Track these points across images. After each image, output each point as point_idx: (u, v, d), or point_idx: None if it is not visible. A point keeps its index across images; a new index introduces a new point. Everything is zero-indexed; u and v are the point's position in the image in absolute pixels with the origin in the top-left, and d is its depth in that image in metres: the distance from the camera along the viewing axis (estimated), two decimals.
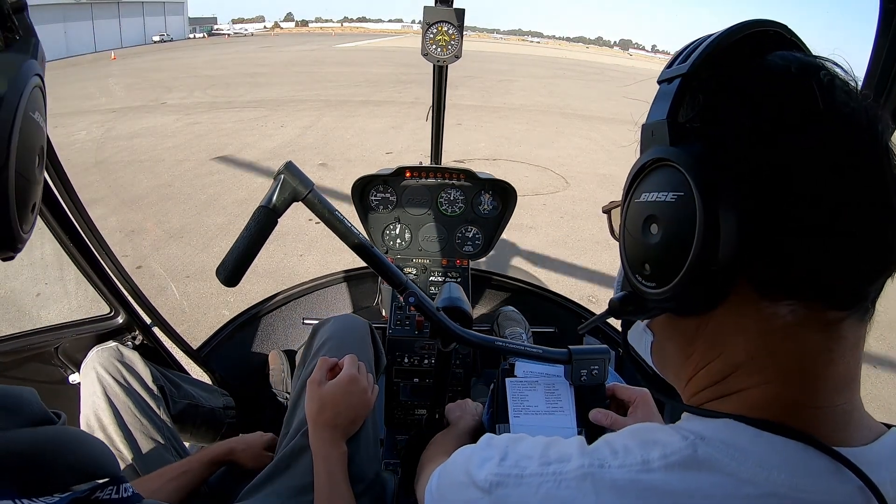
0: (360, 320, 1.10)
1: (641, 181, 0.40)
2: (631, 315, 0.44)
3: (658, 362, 0.48)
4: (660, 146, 0.38)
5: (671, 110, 0.37)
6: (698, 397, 0.41)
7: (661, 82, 0.40)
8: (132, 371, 1.05)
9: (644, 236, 0.39)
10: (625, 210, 0.42)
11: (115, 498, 0.36)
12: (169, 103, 10.06)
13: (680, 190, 0.35)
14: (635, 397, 0.89)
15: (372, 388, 0.91)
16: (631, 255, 0.41)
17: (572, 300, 1.79)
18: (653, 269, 0.38)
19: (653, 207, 0.38)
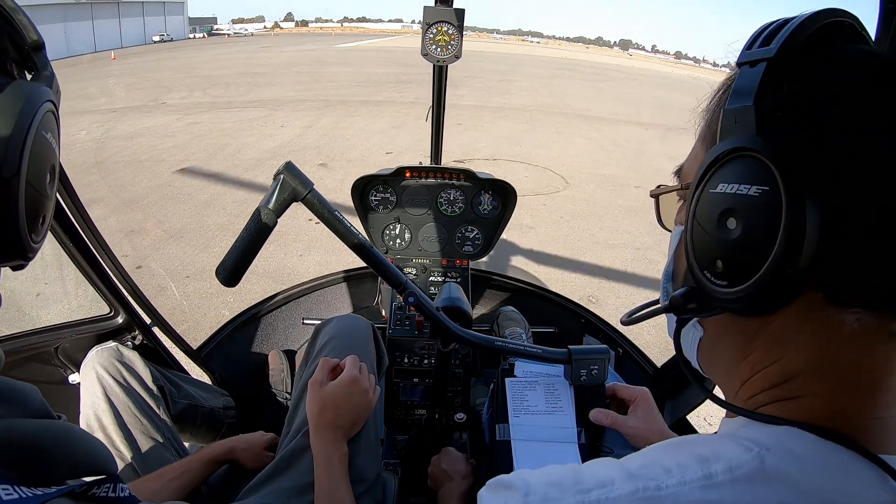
0: (363, 321, 1.10)
1: (719, 170, 0.37)
2: (692, 313, 0.41)
3: (706, 360, 0.45)
4: (744, 134, 0.35)
5: (759, 96, 0.35)
6: (754, 401, 0.39)
7: (742, 65, 0.37)
8: (132, 371, 1.05)
9: (719, 231, 0.36)
10: (695, 199, 0.39)
11: (112, 496, 0.37)
12: (169, 103, 10.06)
13: (765, 184, 0.33)
14: (635, 396, 0.89)
15: (373, 388, 0.91)
16: (700, 250, 0.38)
17: (572, 300, 1.79)
18: (726, 266, 0.36)
19: (732, 200, 0.35)
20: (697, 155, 0.45)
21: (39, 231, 0.43)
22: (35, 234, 0.42)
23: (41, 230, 0.43)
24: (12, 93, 0.38)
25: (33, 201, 0.40)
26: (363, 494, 0.83)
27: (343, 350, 0.97)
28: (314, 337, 1.07)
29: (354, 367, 0.89)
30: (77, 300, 3.14)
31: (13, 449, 0.32)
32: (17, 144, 0.36)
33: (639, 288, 3.72)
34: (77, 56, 24.27)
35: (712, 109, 0.43)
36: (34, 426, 0.35)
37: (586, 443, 0.88)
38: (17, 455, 0.32)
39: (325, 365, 0.89)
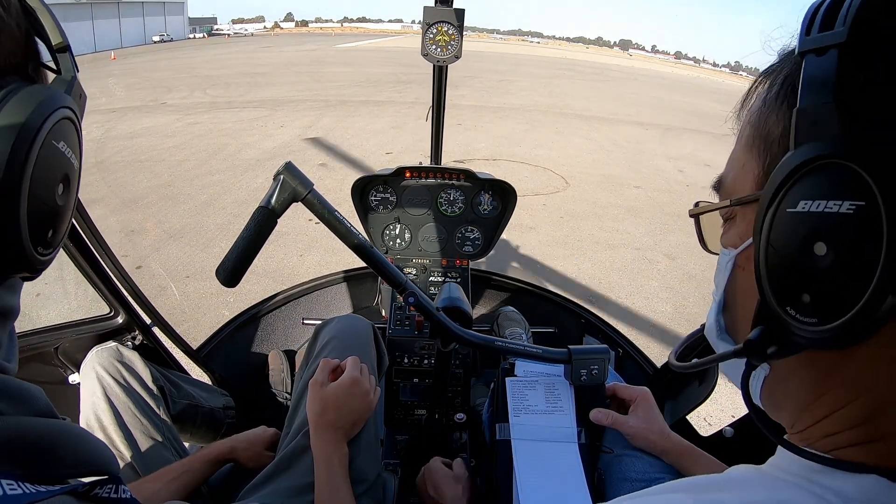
0: (364, 321, 1.10)
1: (798, 184, 0.31)
2: (773, 357, 0.34)
3: (772, 401, 0.39)
4: (826, 139, 0.29)
5: (839, 91, 0.29)
6: (831, 441, 0.33)
7: (807, 53, 0.31)
8: (132, 371, 1.05)
9: (804, 258, 0.30)
10: (767, 220, 0.33)
11: (113, 497, 0.37)
12: (169, 103, 10.06)
13: (860, 199, 0.27)
14: (636, 396, 0.89)
15: (374, 390, 0.91)
16: (780, 282, 0.32)
17: (572, 300, 1.79)
18: (816, 300, 0.30)
19: (819, 220, 0.29)
20: (744, 164, 0.38)
21: (49, 243, 0.41)
22: (43, 247, 0.40)
23: (51, 242, 0.41)
24: (22, 99, 0.36)
25: (39, 213, 0.38)
26: (363, 495, 0.84)
27: (344, 350, 0.97)
28: (314, 337, 1.07)
29: (355, 367, 0.89)
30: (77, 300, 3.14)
31: (18, 446, 0.33)
32: (19, 156, 0.35)
33: (639, 288, 3.72)
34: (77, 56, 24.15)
35: (759, 110, 0.37)
36: (39, 424, 0.35)
37: (586, 443, 0.88)
38: (22, 452, 0.33)
39: (325, 366, 0.89)
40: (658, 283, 3.81)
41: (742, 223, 0.39)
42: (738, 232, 0.40)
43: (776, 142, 0.35)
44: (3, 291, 0.40)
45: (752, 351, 0.34)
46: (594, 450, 0.89)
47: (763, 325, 0.34)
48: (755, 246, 0.34)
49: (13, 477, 0.30)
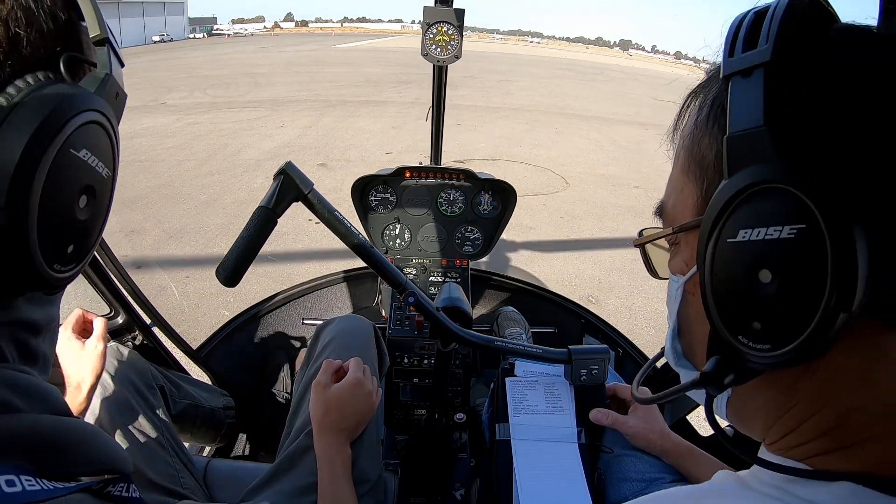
0: (365, 321, 1.10)
1: (735, 213, 0.30)
2: (731, 385, 0.34)
3: (738, 419, 0.39)
4: (760, 164, 0.29)
5: (769, 112, 0.28)
6: (802, 450, 0.33)
7: (732, 75, 0.31)
8: (132, 371, 1.05)
9: (750, 287, 0.30)
10: (709, 252, 0.32)
11: (126, 496, 0.37)
12: (169, 103, 10.06)
13: (800, 222, 0.27)
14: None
15: (377, 391, 0.91)
16: (728, 312, 0.32)
17: (572, 300, 1.79)
18: (767, 327, 0.30)
19: (761, 248, 0.29)
20: (683, 189, 0.38)
21: (68, 260, 0.38)
22: (61, 263, 0.37)
23: (71, 258, 0.38)
24: (37, 102, 0.33)
25: (53, 228, 0.35)
26: (365, 495, 0.84)
27: (345, 351, 0.97)
28: (316, 337, 1.07)
29: (358, 369, 0.89)
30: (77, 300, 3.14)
31: (35, 442, 0.32)
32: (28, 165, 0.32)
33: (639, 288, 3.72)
34: None
35: (691, 132, 0.36)
36: (56, 422, 0.35)
37: (586, 443, 0.88)
38: (38, 449, 0.32)
39: (328, 367, 0.89)
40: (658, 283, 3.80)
41: (686, 249, 0.39)
42: (683, 258, 0.39)
43: (711, 166, 0.34)
44: (25, 304, 0.38)
45: (709, 382, 0.34)
46: (594, 450, 0.89)
47: (718, 355, 0.33)
48: (700, 277, 0.33)
49: (30, 473, 0.30)
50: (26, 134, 0.32)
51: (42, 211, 0.33)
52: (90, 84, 0.38)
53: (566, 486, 0.83)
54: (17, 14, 0.33)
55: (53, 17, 0.36)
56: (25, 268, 0.34)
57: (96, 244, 0.42)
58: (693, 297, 0.38)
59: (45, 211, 0.34)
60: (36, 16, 0.34)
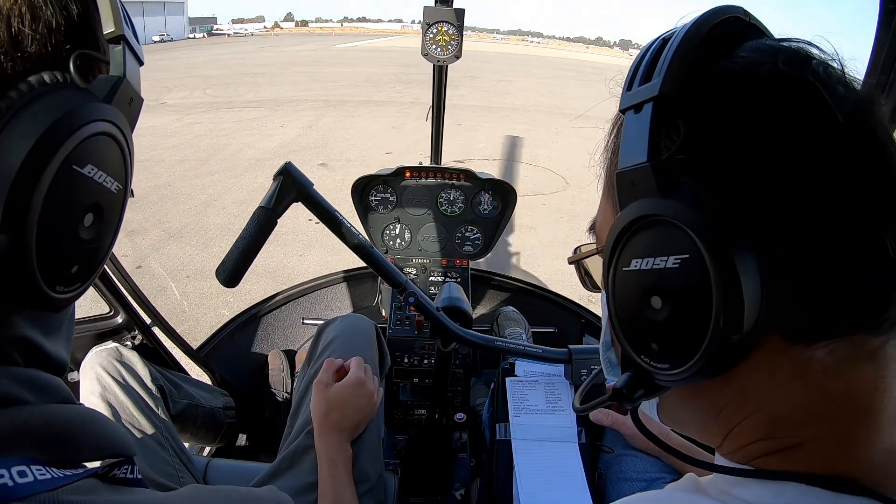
0: (367, 321, 1.10)
1: (627, 244, 0.32)
2: (643, 399, 0.35)
3: (672, 422, 0.40)
4: (646, 199, 0.30)
5: (653, 149, 0.29)
6: (744, 453, 0.33)
7: (626, 110, 0.32)
8: (131, 371, 1.05)
9: (645, 312, 0.31)
10: (610, 279, 0.34)
11: (130, 478, 0.37)
12: (169, 103, 10.06)
13: (683, 252, 0.28)
14: None
15: (378, 391, 0.91)
16: (629, 333, 0.33)
17: (572, 300, 1.79)
18: (662, 348, 0.31)
19: (650, 277, 0.30)
20: (605, 212, 0.39)
21: (72, 280, 0.35)
22: (63, 285, 0.35)
23: (74, 279, 0.36)
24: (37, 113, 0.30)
25: (54, 248, 0.33)
26: (365, 494, 0.84)
27: (347, 350, 0.97)
28: (317, 336, 1.07)
29: (360, 368, 0.89)
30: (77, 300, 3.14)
31: (44, 433, 0.33)
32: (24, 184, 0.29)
33: None
34: None
35: (610, 159, 0.37)
36: (63, 411, 0.35)
37: (586, 442, 0.88)
38: (49, 438, 0.33)
39: (329, 366, 0.89)
40: None
41: None
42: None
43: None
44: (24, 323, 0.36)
45: (620, 397, 0.35)
46: (594, 449, 0.90)
47: (629, 372, 0.35)
48: (606, 300, 0.35)
49: (40, 463, 0.31)
50: (24, 148, 0.29)
51: (42, 231, 0.31)
52: (101, 88, 0.35)
53: (566, 485, 0.83)
54: (22, 9, 0.30)
55: (64, 10, 0.33)
56: (26, 289, 0.32)
57: (104, 262, 0.40)
58: None
59: (46, 231, 0.31)
60: (43, 9, 0.31)
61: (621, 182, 0.32)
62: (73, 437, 0.35)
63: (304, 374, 1.01)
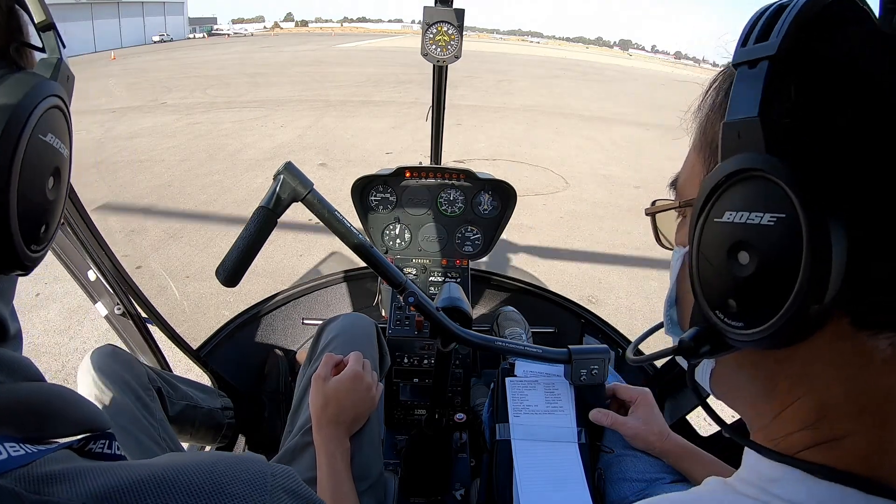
0: (367, 319, 1.10)
1: (724, 195, 0.32)
2: (706, 356, 0.36)
3: (723, 392, 0.40)
4: (750, 152, 0.30)
5: (764, 105, 0.29)
6: (789, 442, 0.33)
7: (739, 65, 0.32)
8: (128, 373, 1.05)
9: (729, 266, 0.31)
10: (698, 228, 0.34)
11: (108, 453, 0.38)
12: (169, 103, 10.06)
13: (781, 211, 0.28)
14: (636, 397, 0.89)
15: (376, 385, 0.92)
16: (708, 287, 0.33)
17: (572, 300, 1.79)
18: (741, 306, 0.31)
19: (743, 231, 0.30)
20: (693, 166, 0.40)
21: (41, 240, 0.40)
22: (36, 244, 0.39)
23: (43, 238, 0.41)
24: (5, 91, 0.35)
25: (29, 211, 0.37)
26: (365, 492, 0.84)
27: (347, 348, 0.98)
28: (318, 334, 1.07)
29: (358, 363, 0.90)
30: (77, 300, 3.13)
31: (17, 410, 0.34)
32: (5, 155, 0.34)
33: (638, 288, 3.72)
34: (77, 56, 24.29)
35: (706, 115, 0.38)
36: (35, 388, 0.36)
37: (586, 443, 0.88)
38: (20, 416, 0.34)
39: (328, 361, 0.90)
40: (657, 284, 3.81)
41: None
42: (686, 231, 0.40)
43: (714, 147, 0.35)
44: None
45: (684, 350, 0.36)
46: (594, 450, 0.89)
47: (698, 326, 0.35)
48: (689, 251, 0.35)
49: (14, 440, 0.31)
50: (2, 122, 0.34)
51: (21, 196, 0.35)
52: (45, 69, 0.41)
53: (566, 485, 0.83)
54: None
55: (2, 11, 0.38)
56: (7, 251, 0.36)
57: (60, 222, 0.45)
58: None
59: (23, 195, 0.36)
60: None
61: (727, 133, 0.32)
62: (46, 413, 0.36)
63: (305, 372, 1.01)
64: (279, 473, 0.38)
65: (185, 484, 0.33)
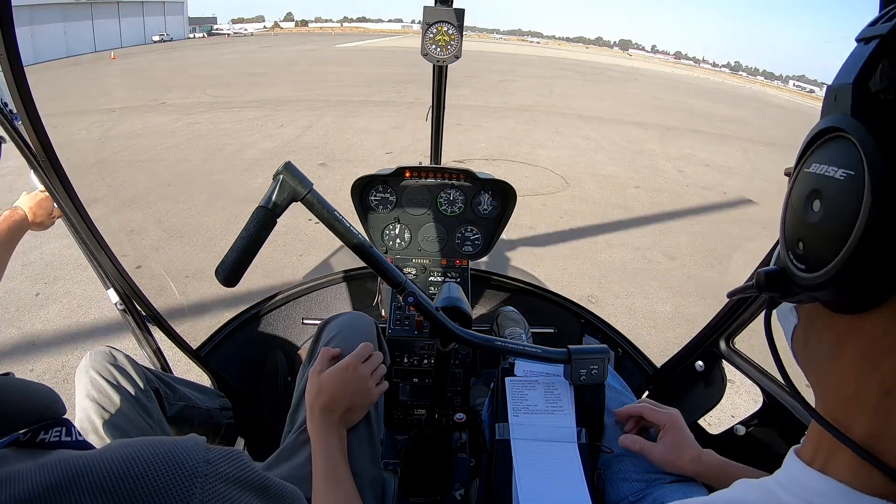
0: (367, 318, 1.11)
1: (815, 150, 0.36)
2: (774, 294, 0.38)
3: (799, 353, 0.41)
4: (839, 113, 0.33)
5: (860, 74, 0.32)
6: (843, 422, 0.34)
7: (860, 41, 0.34)
8: (125, 374, 1.05)
9: (805, 211, 0.35)
10: (794, 177, 0.38)
11: (66, 440, 0.37)
12: (168, 103, 10.06)
13: (851, 168, 0.31)
14: (665, 422, 0.86)
15: (375, 379, 0.92)
16: (789, 229, 0.37)
17: (572, 300, 1.79)
18: (806, 249, 0.34)
19: (819, 181, 0.34)
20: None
21: None
22: None
23: None
24: None
25: None
26: (363, 490, 0.84)
27: (347, 346, 0.98)
28: (319, 332, 1.07)
29: (354, 354, 0.90)
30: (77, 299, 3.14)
31: None
32: None
33: (638, 288, 3.72)
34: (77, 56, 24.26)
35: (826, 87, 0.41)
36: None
37: (586, 443, 0.88)
38: None
39: (325, 354, 0.92)
40: (658, 284, 3.81)
41: None
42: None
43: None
44: None
45: (758, 283, 0.38)
46: (594, 450, 0.89)
47: (776, 266, 0.38)
48: (785, 196, 0.39)
49: None
50: None
51: None
52: None
53: (566, 485, 0.83)
54: None
55: None
56: None
57: None
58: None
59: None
60: None
61: (828, 96, 0.35)
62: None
63: (305, 371, 1.01)
64: (217, 459, 0.35)
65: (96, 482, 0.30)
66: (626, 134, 9.66)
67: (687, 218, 5.26)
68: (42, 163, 0.97)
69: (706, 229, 5.01)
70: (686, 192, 6.06)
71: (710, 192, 6.19)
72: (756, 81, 74.81)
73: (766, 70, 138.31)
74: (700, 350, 1.24)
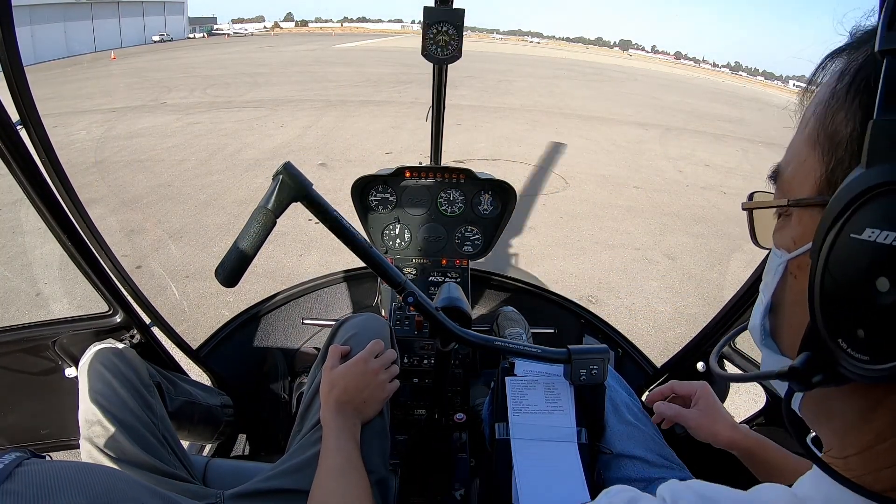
0: (382, 320, 1.11)
1: (866, 207, 0.27)
2: (817, 386, 0.31)
3: (812, 415, 0.37)
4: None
5: None
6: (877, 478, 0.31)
7: (889, 53, 0.26)
8: (130, 368, 1.05)
9: (864, 291, 0.26)
10: (828, 242, 0.29)
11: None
12: (168, 103, 10.06)
13: None
14: (695, 391, 0.90)
15: (389, 374, 0.93)
16: (834, 312, 0.29)
17: (572, 300, 1.79)
18: (872, 338, 0.27)
19: (887, 253, 0.25)
20: (805, 161, 0.34)
21: None
22: None
23: None
24: None
25: None
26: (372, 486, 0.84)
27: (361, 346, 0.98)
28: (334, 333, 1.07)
29: (367, 350, 0.92)
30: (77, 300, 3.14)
31: None
32: None
33: (638, 288, 3.72)
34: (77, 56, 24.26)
35: (826, 102, 0.32)
36: None
37: (586, 442, 0.88)
38: None
39: (335, 352, 0.93)
40: (658, 284, 3.81)
41: (798, 226, 0.35)
42: (792, 235, 0.36)
43: (843, 144, 0.30)
44: None
45: (796, 377, 0.31)
46: (593, 450, 0.89)
47: (810, 351, 0.31)
48: (812, 266, 0.30)
49: None
50: None
51: None
52: None
53: (566, 485, 0.83)
54: None
55: None
56: None
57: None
58: (795, 280, 0.35)
59: None
60: None
61: (878, 136, 0.26)
62: None
63: (318, 372, 1.01)
64: None
65: None
66: (626, 134, 9.66)
67: (687, 218, 5.26)
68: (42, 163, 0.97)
69: (706, 229, 5.01)
70: (686, 192, 6.07)
71: (710, 192, 6.19)
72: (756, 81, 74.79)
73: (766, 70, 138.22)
74: (701, 350, 1.24)
